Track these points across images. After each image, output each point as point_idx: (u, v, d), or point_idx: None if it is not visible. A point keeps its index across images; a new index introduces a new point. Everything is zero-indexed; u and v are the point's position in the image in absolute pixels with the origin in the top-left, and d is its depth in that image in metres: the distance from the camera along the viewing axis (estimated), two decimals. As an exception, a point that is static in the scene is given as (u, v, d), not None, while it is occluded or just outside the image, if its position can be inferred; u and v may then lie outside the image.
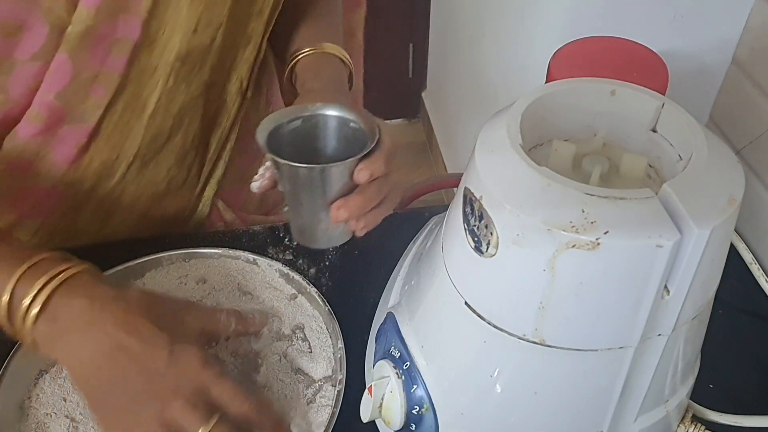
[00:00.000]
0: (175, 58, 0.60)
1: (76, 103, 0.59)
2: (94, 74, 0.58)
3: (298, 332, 0.61)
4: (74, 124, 0.60)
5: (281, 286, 0.65)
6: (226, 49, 0.64)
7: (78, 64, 0.57)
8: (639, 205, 0.39)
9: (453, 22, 1.82)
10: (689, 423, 0.53)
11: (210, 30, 0.61)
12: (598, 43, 0.71)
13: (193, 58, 0.62)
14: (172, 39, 0.59)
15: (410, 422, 0.51)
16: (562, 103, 0.48)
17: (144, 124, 0.63)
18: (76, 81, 0.57)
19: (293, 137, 0.54)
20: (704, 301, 0.45)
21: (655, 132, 0.47)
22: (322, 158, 0.55)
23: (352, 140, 0.54)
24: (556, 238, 0.39)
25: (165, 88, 0.62)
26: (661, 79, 0.67)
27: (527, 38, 1.22)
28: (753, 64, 0.77)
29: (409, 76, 2.21)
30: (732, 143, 0.79)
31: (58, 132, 0.60)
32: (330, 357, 0.59)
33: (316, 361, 0.59)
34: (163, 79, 0.61)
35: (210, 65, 0.64)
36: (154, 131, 0.64)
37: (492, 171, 0.42)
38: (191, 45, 0.60)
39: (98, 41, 0.56)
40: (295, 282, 0.64)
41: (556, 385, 0.46)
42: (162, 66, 0.60)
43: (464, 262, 0.45)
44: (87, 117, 0.60)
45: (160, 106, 0.63)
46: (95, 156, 0.63)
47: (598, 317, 0.41)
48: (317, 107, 0.54)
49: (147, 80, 0.61)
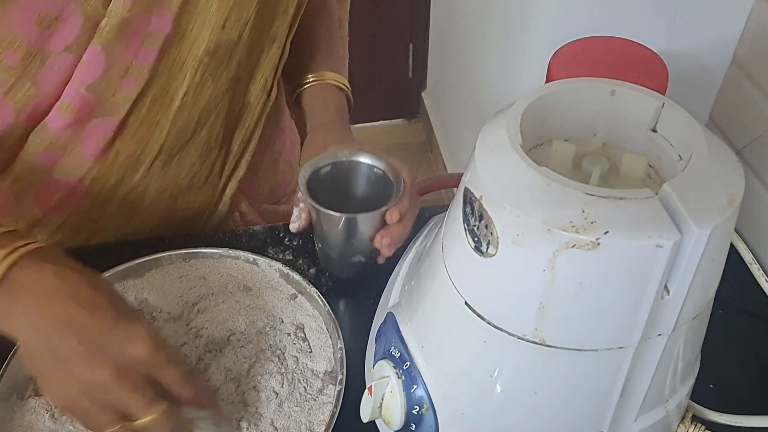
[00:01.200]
0: (203, 52, 0.61)
1: (108, 95, 0.60)
2: (126, 67, 0.59)
3: (298, 332, 0.61)
4: (103, 117, 0.61)
5: (281, 286, 0.65)
6: (252, 46, 0.65)
7: (111, 56, 0.57)
8: (639, 205, 0.39)
9: (453, 22, 1.82)
10: (689, 423, 0.53)
11: (238, 26, 0.62)
12: (598, 43, 0.71)
13: (220, 53, 0.63)
14: (201, 34, 0.60)
15: (410, 422, 0.51)
16: (562, 103, 0.48)
17: (170, 119, 0.64)
18: (108, 73, 0.58)
19: (327, 180, 0.63)
20: (704, 301, 0.45)
21: (655, 132, 0.47)
22: (352, 198, 0.66)
23: (376, 182, 0.64)
24: (556, 238, 0.39)
25: (192, 82, 0.63)
26: (661, 79, 0.67)
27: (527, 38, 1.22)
28: (753, 64, 0.77)
29: (409, 76, 2.21)
30: (732, 143, 0.79)
31: (87, 125, 0.61)
32: (330, 357, 0.59)
33: (317, 360, 0.59)
34: (191, 73, 0.62)
35: (236, 62, 0.65)
36: (180, 126, 0.65)
37: (492, 171, 0.42)
38: (220, 40, 0.61)
39: (132, 34, 0.57)
40: (295, 282, 0.64)
41: (556, 385, 0.46)
42: (190, 60, 0.61)
43: (464, 262, 0.45)
44: (116, 110, 0.61)
45: (186, 100, 0.64)
46: (121, 150, 0.64)
47: (598, 317, 0.41)
48: (350, 154, 0.64)
49: (176, 74, 0.62)
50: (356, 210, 0.61)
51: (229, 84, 0.66)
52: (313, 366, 0.59)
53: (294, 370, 0.58)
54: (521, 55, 1.27)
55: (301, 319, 0.62)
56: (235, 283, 0.65)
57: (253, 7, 0.62)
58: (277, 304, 0.63)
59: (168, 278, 0.65)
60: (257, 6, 0.63)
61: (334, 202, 0.61)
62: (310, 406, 0.56)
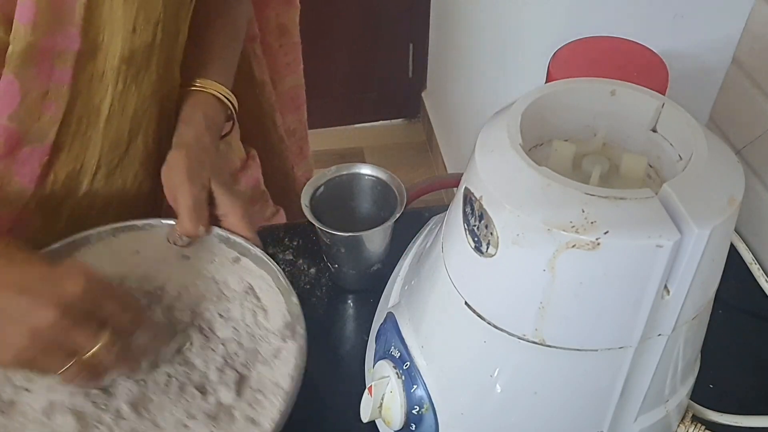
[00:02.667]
0: (119, 61, 0.60)
1: (31, 122, 0.58)
2: (44, 91, 0.57)
3: (248, 293, 0.60)
4: (33, 144, 0.59)
5: (222, 251, 0.62)
6: (167, 43, 0.64)
7: (25, 83, 0.56)
8: (639, 205, 0.39)
9: (453, 22, 1.82)
10: (689, 423, 0.53)
11: (149, 27, 0.60)
12: (598, 43, 0.71)
13: (137, 58, 0.61)
14: (113, 42, 0.59)
15: (410, 422, 0.51)
16: (562, 103, 0.48)
17: (101, 132, 0.63)
18: (26, 100, 0.57)
19: (327, 198, 0.65)
20: (704, 301, 0.45)
21: (655, 132, 0.47)
22: (355, 210, 0.67)
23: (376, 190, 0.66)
24: (556, 238, 0.39)
25: (115, 92, 0.61)
26: (661, 79, 0.67)
27: (527, 38, 1.22)
28: (753, 64, 0.77)
29: (409, 76, 2.21)
30: (732, 143, 0.79)
31: (18, 155, 0.59)
32: (284, 313, 0.57)
33: (272, 319, 0.58)
34: (112, 84, 0.61)
35: (155, 63, 0.63)
36: (113, 138, 0.64)
37: (492, 171, 0.42)
38: (134, 45, 0.60)
39: (41, 57, 0.56)
40: (237, 245, 0.61)
41: (556, 385, 0.46)
42: (109, 71, 0.60)
43: (464, 262, 0.45)
44: (44, 135, 0.60)
45: (114, 111, 0.62)
46: (59, 170, 0.63)
47: (598, 317, 0.41)
48: (351, 166, 0.66)
49: (97, 87, 0.60)
50: (363, 219, 0.61)
51: (154, 87, 0.65)
52: (268, 324, 0.57)
53: (250, 331, 0.57)
54: (521, 55, 1.27)
55: (249, 280, 0.60)
56: (171, 250, 0.62)
57: (159, 4, 0.60)
58: (220, 269, 0.61)
59: (98, 255, 0.62)
60: (163, 2, 0.61)
61: (339, 220, 0.62)
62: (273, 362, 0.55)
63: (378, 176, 0.65)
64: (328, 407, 0.59)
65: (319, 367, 0.62)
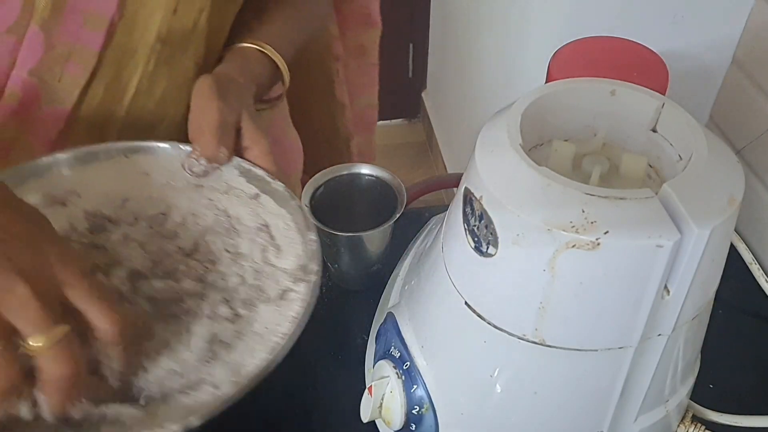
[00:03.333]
0: (155, 39, 0.58)
1: (52, 80, 0.57)
2: (69, 50, 0.56)
3: (261, 231, 0.55)
4: (51, 105, 0.58)
5: (241, 185, 0.57)
6: (208, 35, 0.62)
7: (50, 37, 0.55)
8: (639, 205, 0.39)
9: (453, 22, 1.82)
10: (689, 423, 0.53)
11: (192, 12, 0.59)
12: (598, 43, 0.71)
13: (174, 40, 0.60)
14: (151, 18, 0.57)
15: (410, 422, 0.51)
16: (562, 103, 0.48)
17: (125, 109, 0.61)
18: (49, 56, 0.55)
19: (327, 197, 0.65)
20: (704, 301, 0.45)
21: (655, 132, 0.47)
22: (354, 209, 0.67)
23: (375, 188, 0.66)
24: (556, 238, 0.39)
25: (146, 71, 0.60)
26: (661, 79, 0.67)
27: (527, 38, 1.22)
28: (753, 64, 0.77)
29: (409, 76, 2.21)
30: (732, 143, 0.79)
31: (35, 113, 0.58)
32: (300, 253, 0.52)
33: (285, 257, 0.53)
34: (143, 61, 0.59)
35: (193, 50, 0.62)
36: (135, 117, 0.62)
37: (492, 171, 0.42)
38: (172, 26, 0.58)
39: (71, 12, 0.54)
40: (258, 179, 0.56)
41: (556, 385, 0.46)
42: (142, 47, 0.58)
43: (464, 262, 0.45)
44: (64, 98, 0.58)
45: (141, 90, 0.61)
46: (75, 144, 0.60)
47: (598, 317, 0.41)
48: (351, 166, 0.66)
49: (127, 61, 0.59)
50: (363, 219, 0.61)
51: (186, 74, 0.63)
52: (279, 263, 0.52)
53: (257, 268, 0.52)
54: (521, 55, 1.27)
55: (266, 218, 0.55)
56: (185, 179, 0.57)
57: None
58: (235, 202, 0.56)
59: (104, 174, 0.57)
60: None
61: (339, 219, 0.62)
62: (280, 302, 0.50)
63: (378, 176, 0.65)
64: (328, 407, 0.59)
65: (319, 367, 0.62)
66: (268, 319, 0.49)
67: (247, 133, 0.57)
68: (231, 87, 0.58)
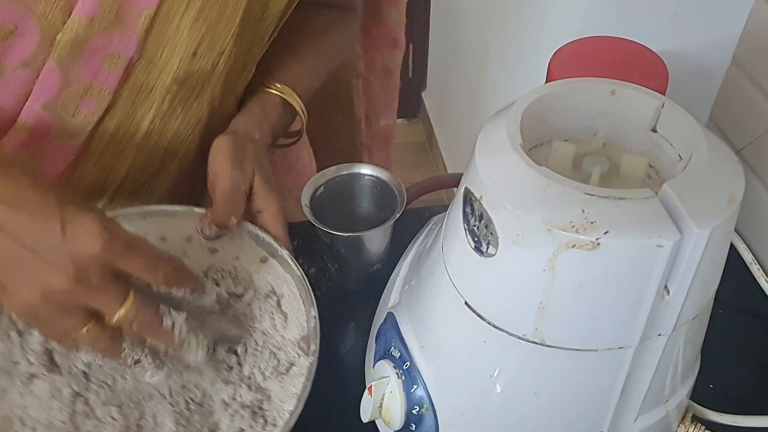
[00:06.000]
0: (172, 80, 0.59)
1: (65, 116, 0.57)
2: (85, 87, 0.56)
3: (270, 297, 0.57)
4: (62, 139, 0.58)
5: (251, 248, 0.60)
6: (228, 76, 0.63)
7: (67, 74, 0.55)
8: (639, 205, 0.39)
9: (453, 23, 1.82)
10: (689, 423, 0.53)
11: (212, 55, 0.59)
12: (598, 43, 0.71)
13: (191, 83, 0.60)
14: (171, 60, 0.58)
15: (410, 422, 0.51)
16: (562, 103, 0.48)
17: (135, 146, 0.61)
18: (65, 92, 0.56)
19: (327, 198, 0.65)
20: (704, 301, 0.45)
21: (655, 132, 0.47)
22: (355, 210, 0.67)
23: (376, 189, 0.66)
24: (556, 238, 0.39)
25: (159, 110, 0.60)
26: (661, 79, 0.67)
27: (527, 38, 1.22)
28: (753, 64, 0.77)
29: (409, 76, 2.21)
30: (732, 143, 0.79)
31: (44, 146, 0.58)
32: (303, 325, 0.55)
33: (290, 328, 0.55)
34: (158, 101, 0.59)
35: (209, 92, 0.62)
36: (146, 155, 0.62)
37: (492, 171, 0.42)
38: (190, 68, 0.59)
39: (91, 53, 0.55)
40: (266, 244, 0.59)
41: (556, 385, 0.46)
42: (159, 87, 0.59)
43: (464, 262, 0.45)
44: (76, 133, 0.58)
45: (153, 129, 0.61)
46: (82, 177, 0.61)
47: (598, 317, 0.41)
48: (351, 166, 0.66)
49: (142, 101, 0.59)
50: (363, 219, 0.61)
51: (201, 116, 0.63)
52: (286, 333, 0.55)
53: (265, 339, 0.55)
54: (521, 55, 1.27)
55: (272, 283, 0.58)
56: (199, 241, 0.59)
57: (230, 36, 0.59)
58: (245, 266, 0.59)
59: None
60: (235, 36, 0.59)
61: (339, 219, 0.62)
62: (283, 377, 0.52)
63: (378, 176, 0.65)
64: (328, 407, 0.59)
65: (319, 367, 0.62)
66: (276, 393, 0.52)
67: (259, 197, 0.59)
68: (247, 148, 0.60)
